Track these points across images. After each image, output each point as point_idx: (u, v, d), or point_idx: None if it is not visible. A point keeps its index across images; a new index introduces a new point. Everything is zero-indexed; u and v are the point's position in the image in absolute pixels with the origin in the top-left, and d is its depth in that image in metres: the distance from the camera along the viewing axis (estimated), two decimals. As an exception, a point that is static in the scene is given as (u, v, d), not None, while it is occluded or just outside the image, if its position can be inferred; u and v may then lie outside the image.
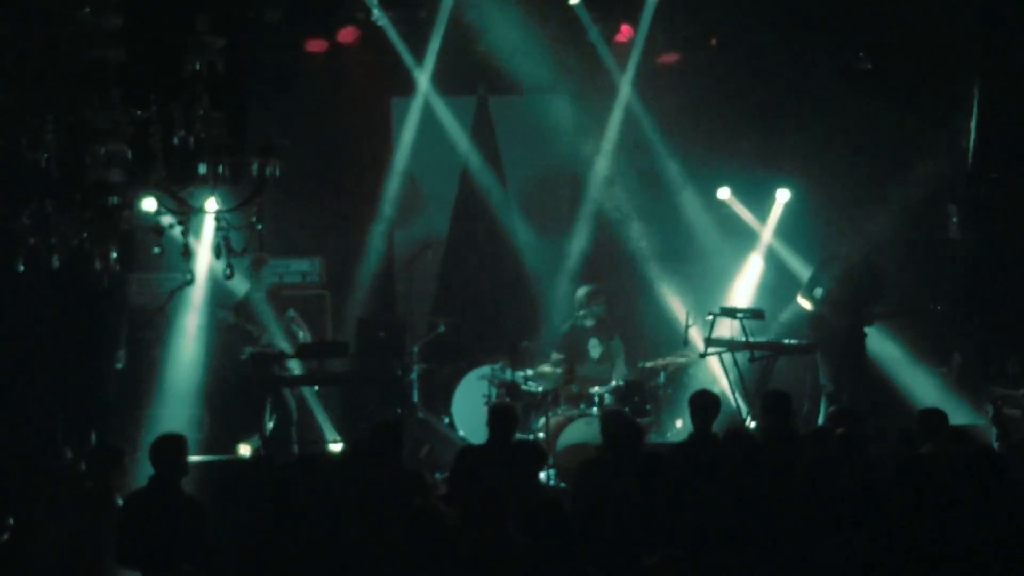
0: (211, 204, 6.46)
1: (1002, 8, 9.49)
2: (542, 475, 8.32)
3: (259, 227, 5.79)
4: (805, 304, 10.22)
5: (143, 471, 6.77)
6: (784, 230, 11.53)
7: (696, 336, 10.16)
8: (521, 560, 5.47)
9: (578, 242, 11.85)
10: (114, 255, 5.47)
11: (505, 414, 7.51)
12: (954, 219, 10.90)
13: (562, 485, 9.14)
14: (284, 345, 9.74)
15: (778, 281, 11.33)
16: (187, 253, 5.76)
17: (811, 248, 11.03)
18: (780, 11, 10.88)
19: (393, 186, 11.75)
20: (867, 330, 10.20)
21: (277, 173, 5.63)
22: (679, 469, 6.86)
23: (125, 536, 6.25)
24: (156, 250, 5.98)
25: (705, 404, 7.63)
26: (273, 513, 6.18)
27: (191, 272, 7.78)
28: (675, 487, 6.42)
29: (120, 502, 6.59)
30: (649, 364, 10.34)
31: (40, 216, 5.20)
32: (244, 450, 9.50)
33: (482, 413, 10.10)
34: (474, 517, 5.77)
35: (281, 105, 10.58)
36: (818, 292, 10.14)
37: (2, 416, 8.51)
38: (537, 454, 7.50)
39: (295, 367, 9.71)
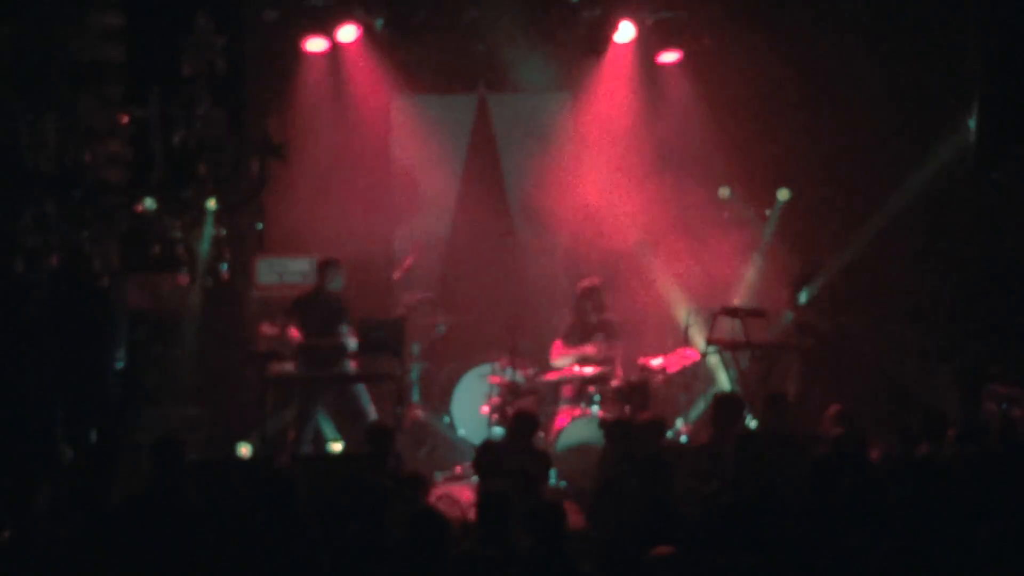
0: (211, 204, 6.47)
1: (1003, 7, 9.48)
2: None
3: (259, 226, 5.79)
4: (789, 312, 10.21)
5: (143, 471, 6.77)
6: (784, 230, 11.52)
7: (696, 336, 10.16)
8: (521, 560, 5.46)
9: (578, 241, 11.84)
10: (114, 255, 5.48)
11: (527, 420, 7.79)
12: (955, 218, 10.88)
13: (562, 485, 9.15)
14: None
15: (778, 281, 11.32)
16: (187, 252, 5.77)
17: (811, 248, 11.01)
18: (780, 10, 10.86)
19: (393, 185, 11.74)
20: (852, 330, 10.20)
21: (276, 172, 5.63)
22: (690, 470, 6.92)
23: (125, 536, 6.24)
24: (156, 250, 5.98)
25: (729, 408, 7.67)
26: (273, 513, 6.18)
27: (191, 271, 7.79)
28: (684, 488, 6.45)
29: (119, 502, 6.59)
30: (649, 364, 10.32)
31: (40, 216, 5.20)
32: (244, 450, 9.48)
33: (482, 413, 10.11)
34: (480, 518, 5.78)
35: (281, 105, 10.56)
36: (803, 298, 10.14)
37: (2, 416, 8.49)
38: (542, 462, 7.55)
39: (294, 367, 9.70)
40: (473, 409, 10.42)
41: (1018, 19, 9.58)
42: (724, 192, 11.57)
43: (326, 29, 11.04)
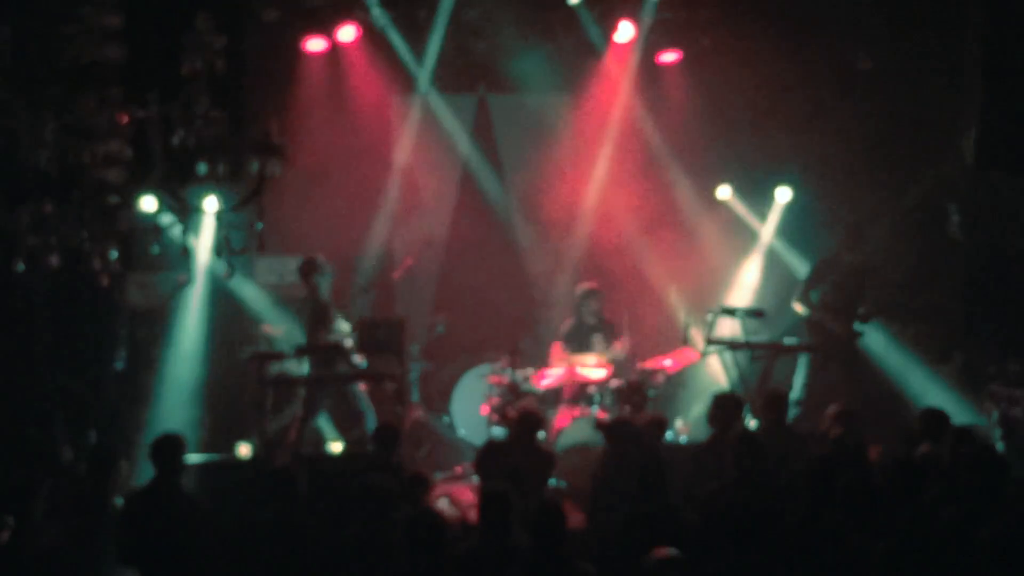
0: (211, 204, 6.46)
1: (1003, 7, 9.48)
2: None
3: (259, 226, 5.79)
4: (800, 309, 10.24)
5: (143, 471, 6.77)
6: (784, 230, 11.53)
7: (696, 336, 10.16)
8: (522, 560, 5.46)
9: (577, 241, 11.85)
10: (113, 255, 5.47)
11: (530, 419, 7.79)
12: (955, 218, 10.89)
13: (562, 484, 9.15)
14: None
15: (778, 281, 11.33)
16: (186, 253, 5.76)
17: (811, 248, 11.02)
18: (780, 10, 10.86)
19: (393, 185, 11.75)
20: (862, 330, 10.22)
21: (277, 172, 5.63)
22: (690, 471, 6.92)
23: (125, 536, 6.25)
24: (156, 250, 5.97)
25: (727, 408, 7.68)
26: (273, 513, 6.18)
27: (190, 272, 7.79)
28: (682, 488, 6.46)
29: (119, 502, 6.59)
30: (649, 364, 10.33)
31: (40, 216, 5.19)
32: (244, 450, 9.49)
33: (481, 413, 10.12)
34: (481, 517, 5.78)
35: (281, 105, 10.56)
36: (814, 296, 10.17)
37: (2, 416, 8.50)
38: (546, 461, 7.56)
39: (294, 366, 9.70)
40: (473, 409, 10.43)
41: (1018, 20, 9.57)
42: (724, 192, 11.58)
43: (326, 29, 11.04)
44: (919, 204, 11.05)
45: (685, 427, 10.59)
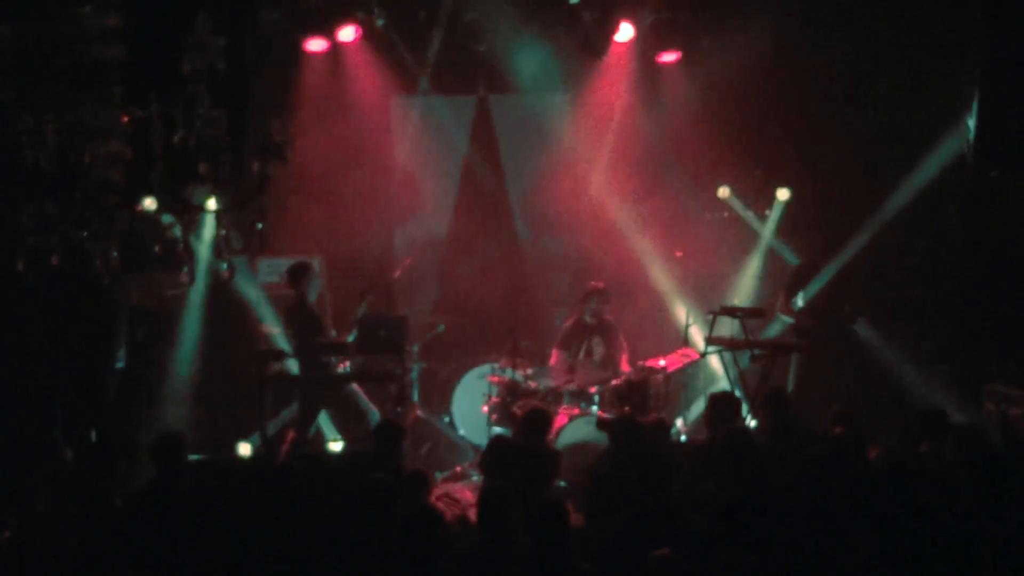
0: (211, 204, 6.46)
1: (1003, 7, 9.49)
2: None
3: (259, 226, 5.79)
4: (786, 316, 10.28)
5: (143, 471, 6.77)
6: (784, 230, 11.53)
7: (696, 336, 10.17)
8: (522, 560, 5.46)
9: (578, 241, 11.85)
10: (114, 254, 5.48)
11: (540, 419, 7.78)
12: (953, 217, 10.90)
13: (562, 483, 9.15)
14: None
15: (778, 280, 11.33)
16: (187, 252, 5.77)
17: (811, 248, 11.02)
18: (780, 9, 10.87)
19: (393, 185, 11.75)
20: (850, 330, 10.25)
21: (276, 173, 5.64)
22: (690, 470, 6.91)
23: (125, 536, 6.24)
24: (156, 250, 5.99)
25: (724, 408, 7.68)
26: (273, 513, 6.18)
27: (190, 271, 7.75)
28: (681, 488, 6.45)
29: (119, 502, 6.59)
30: (649, 364, 10.34)
31: (40, 216, 5.20)
32: (244, 450, 9.49)
33: (482, 412, 10.12)
34: (481, 516, 5.78)
35: (281, 105, 10.56)
36: (798, 302, 10.20)
37: (2, 416, 8.50)
38: (553, 461, 7.56)
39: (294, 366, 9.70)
40: (473, 409, 10.43)
41: (1018, 19, 9.58)
42: (724, 192, 11.58)
43: (326, 29, 11.04)
44: (918, 203, 11.05)
45: (685, 427, 10.60)
